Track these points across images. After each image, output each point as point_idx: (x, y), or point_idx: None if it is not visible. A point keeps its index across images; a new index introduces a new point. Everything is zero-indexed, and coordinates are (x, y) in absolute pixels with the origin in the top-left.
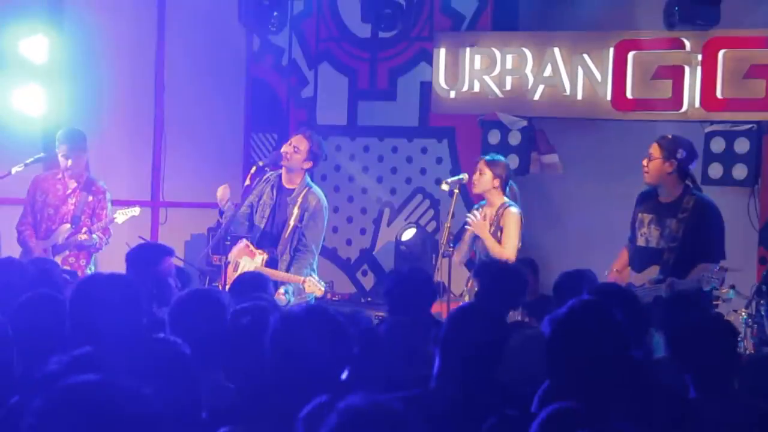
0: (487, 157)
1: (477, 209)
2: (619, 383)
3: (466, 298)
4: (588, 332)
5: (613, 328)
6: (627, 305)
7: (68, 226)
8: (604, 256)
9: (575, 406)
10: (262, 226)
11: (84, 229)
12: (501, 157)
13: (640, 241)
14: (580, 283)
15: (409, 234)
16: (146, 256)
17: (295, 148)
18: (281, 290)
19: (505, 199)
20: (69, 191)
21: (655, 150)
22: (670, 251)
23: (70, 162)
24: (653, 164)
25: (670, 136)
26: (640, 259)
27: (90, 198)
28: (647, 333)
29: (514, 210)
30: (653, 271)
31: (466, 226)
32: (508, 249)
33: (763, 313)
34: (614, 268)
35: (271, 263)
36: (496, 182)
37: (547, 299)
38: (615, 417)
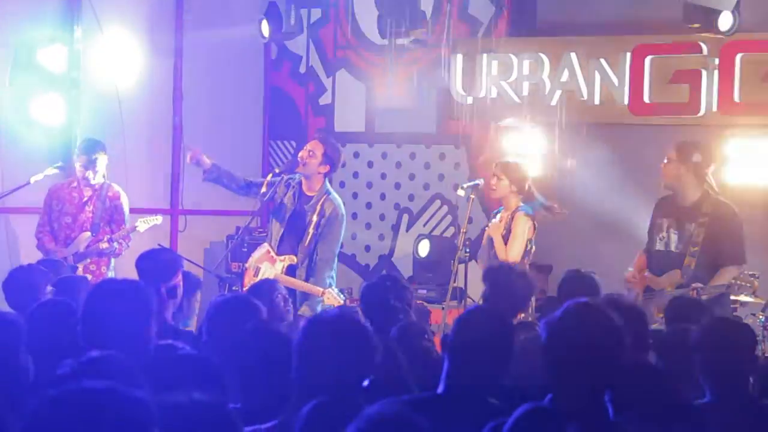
0: (503, 162)
1: (496, 215)
2: (622, 387)
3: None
4: (582, 334)
5: (609, 330)
6: (627, 310)
7: (88, 234)
8: (620, 259)
9: (546, 406)
10: (282, 231)
11: (105, 238)
12: (516, 160)
13: (659, 245)
14: (581, 284)
15: (424, 248)
16: (158, 271)
17: (311, 152)
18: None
19: (520, 203)
20: (85, 199)
21: (671, 153)
22: (692, 256)
23: (90, 173)
24: (669, 167)
25: (688, 141)
26: (658, 263)
27: (107, 204)
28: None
29: (524, 214)
30: (674, 276)
31: (486, 229)
32: (512, 251)
33: None
34: (635, 268)
35: (290, 271)
36: (514, 187)
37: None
38: (624, 420)
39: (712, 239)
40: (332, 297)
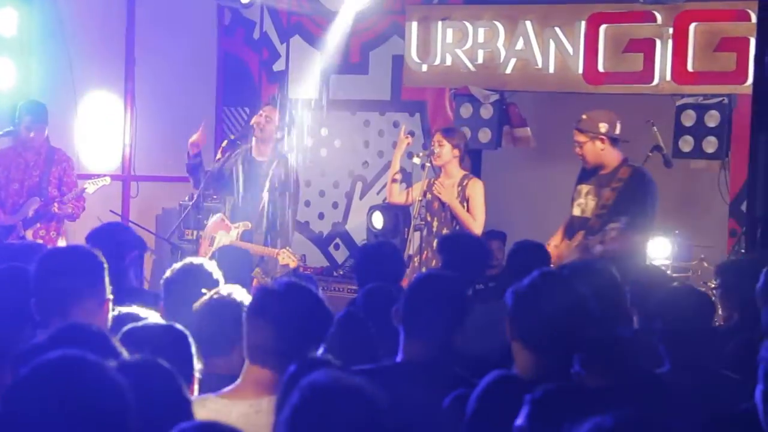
0: (443, 129)
1: (432, 180)
2: (586, 356)
3: (423, 270)
4: (549, 304)
5: (576, 300)
6: (597, 280)
7: (37, 199)
8: None
9: (515, 374)
10: (235, 198)
11: (55, 204)
12: (457, 129)
13: (575, 211)
14: (532, 253)
15: (378, 220)
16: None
17: (267, 117)
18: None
19: (464, 171)
20: (32, 164)
21: (579, 137)
22: (597, 218)
23: (32, 134)
24: (587, 149)
25: (585, 116)
26: (573, 228)
27: (54, 168)
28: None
29: (479, 180)
30: (578, 237)
31: (433, 190)
32: (479, 220)
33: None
34: (552, 243)
35: (247, 237)
36: (456, 152)
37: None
38: (583, 389)
39: (621, 204)
40: (287, 256)
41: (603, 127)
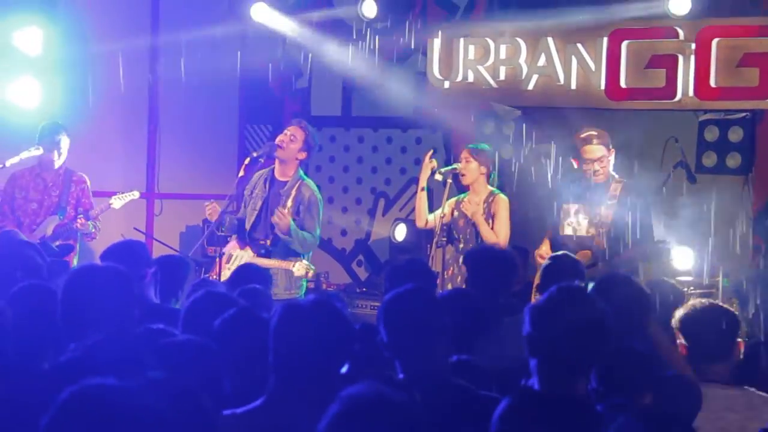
0: (471, 146)
1: (460, 198)
2: (603, 371)
3: (449, 286)
4: (567, 320)
5: (594, 316)
6: (618, 294)
7: (56, 217)
8: None
9: (535, 389)
10: (254, 218)
11: (80, 218)
12: (485, 146)
13: (567, 230)
14: (566, 268)
15: (401, 232)
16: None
17: (292, 136)
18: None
19: (491, 188)
20: (50, 184)
21: (603, 151)
22: (600, 236)
23: (54, 154)
24: (605, 162)
25: (594, 132)
26: (567, 247)
27: (72, 187)
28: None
29: (504, 197)
30: (585, 255)
31: (461, 208)
32: (502, 236)
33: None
34: (542, 252)
35: (264, 254)
36: (483, 170)
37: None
38: (610, 405)
39: (620, 219)
40: (301, 267)
41: (611, 142)
